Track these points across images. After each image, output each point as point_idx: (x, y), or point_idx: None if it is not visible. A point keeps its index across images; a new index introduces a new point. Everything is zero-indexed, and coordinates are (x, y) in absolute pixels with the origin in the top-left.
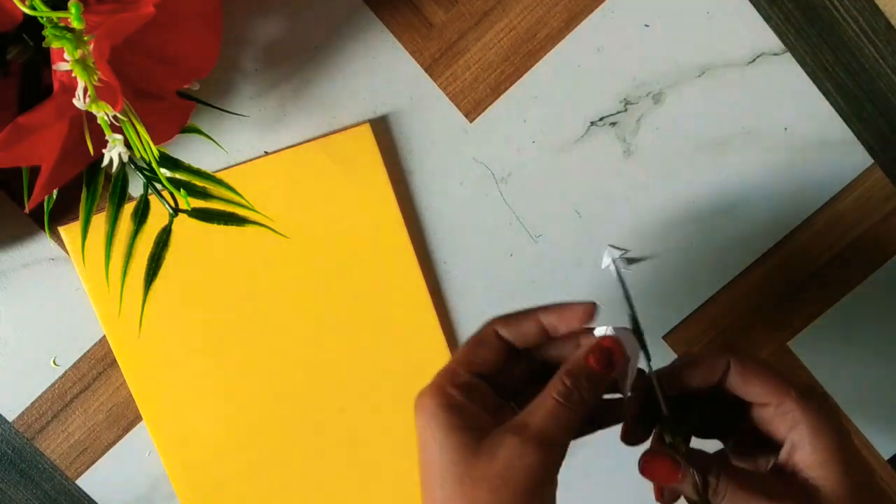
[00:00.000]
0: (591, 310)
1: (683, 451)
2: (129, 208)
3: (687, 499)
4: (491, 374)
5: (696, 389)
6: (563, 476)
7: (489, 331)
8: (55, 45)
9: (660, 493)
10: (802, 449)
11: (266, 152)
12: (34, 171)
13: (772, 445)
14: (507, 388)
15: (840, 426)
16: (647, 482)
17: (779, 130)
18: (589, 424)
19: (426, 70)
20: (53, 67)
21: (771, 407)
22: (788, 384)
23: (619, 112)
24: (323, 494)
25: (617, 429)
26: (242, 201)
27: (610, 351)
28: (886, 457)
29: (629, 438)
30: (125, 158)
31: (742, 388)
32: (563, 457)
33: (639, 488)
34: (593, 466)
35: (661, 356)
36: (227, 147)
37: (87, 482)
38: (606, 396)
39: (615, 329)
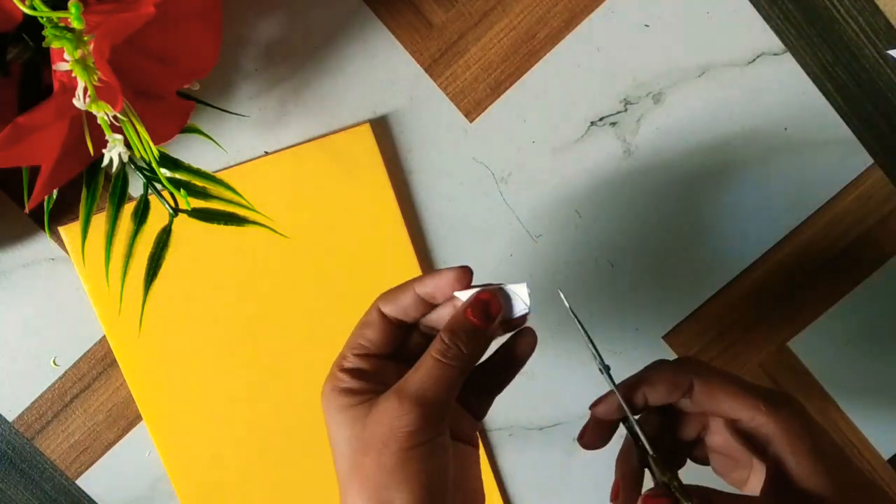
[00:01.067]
0: (463, 274)
1: (678, 486)
2: (129, 208)
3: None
4: (387, 352)
5: (654, 406)
6: (562, 475)
7: (373, 310)
8: (55, 45)
9: None
10: (786, 461)
11: (266, 152)
12: (34, 171)
13: (753, 452)
14: (412, 362)
15: (815, 429)
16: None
17: (779, 130)
18: (491, 388)
19: (426, 70)
20: (53, 67)
21: (742, 422)
22: (756, 396)
23: (619, 112)
24: (323, 494)
25: (618, 431)
26: (242, 201)
27: (486, 303)
28: (886, 457)
29: (587, 443)
30: (125, 158)
31: (709, 404)
32: (444, 416)
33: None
34: (593, 467)
35: (661, 356)
36: (227, 147)
37: (87, 482)
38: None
39: (502, 286)
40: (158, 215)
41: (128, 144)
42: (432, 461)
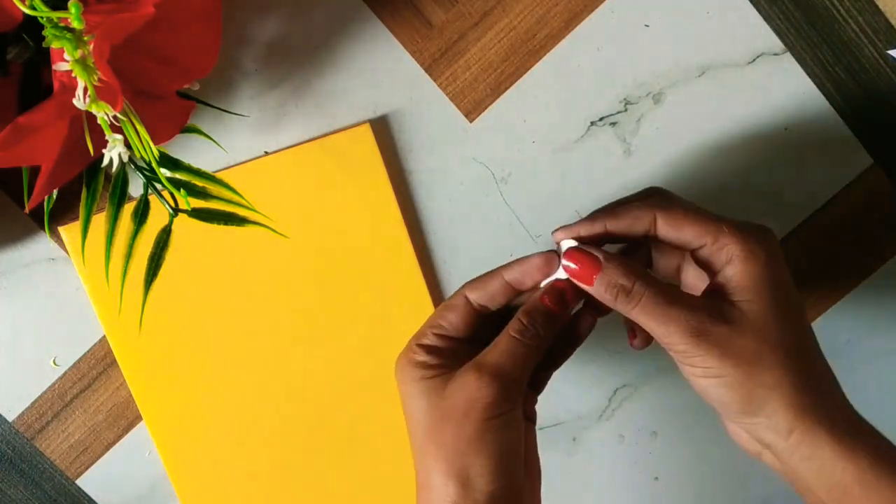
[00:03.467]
0: (550, 259)
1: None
2: (129, 208)
3: (600, 307)
4: (465, 336)
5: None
6: (562, 475)
7: (459, 295)
8: (55, 45)
9: (632, 334)
10: (734, 277)
11: (266, 152)
12: (34, 171)
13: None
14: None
15: (774, 253)
16: (654, 484)
17: (779, 130)
18: (549, 365)
19: (426, 70)
20: (53, 67)
21: (706, 247)
22: (720, 221)
23: (619, 112)
24: (324, 494)
25: (618, 431)
26: (242, 201)
27: (563, 291)
28: None
29: (640, 343)
30: (125, 158)
31: (675, 235)
32: (519, 390)
33: (638, 487)
34: (593, 467)
35: (661, 356)
36: (227, 147)
37: (87, 482)
38: None
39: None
40: (158, 215)
41: (128, 144)
42: (508, 432)
